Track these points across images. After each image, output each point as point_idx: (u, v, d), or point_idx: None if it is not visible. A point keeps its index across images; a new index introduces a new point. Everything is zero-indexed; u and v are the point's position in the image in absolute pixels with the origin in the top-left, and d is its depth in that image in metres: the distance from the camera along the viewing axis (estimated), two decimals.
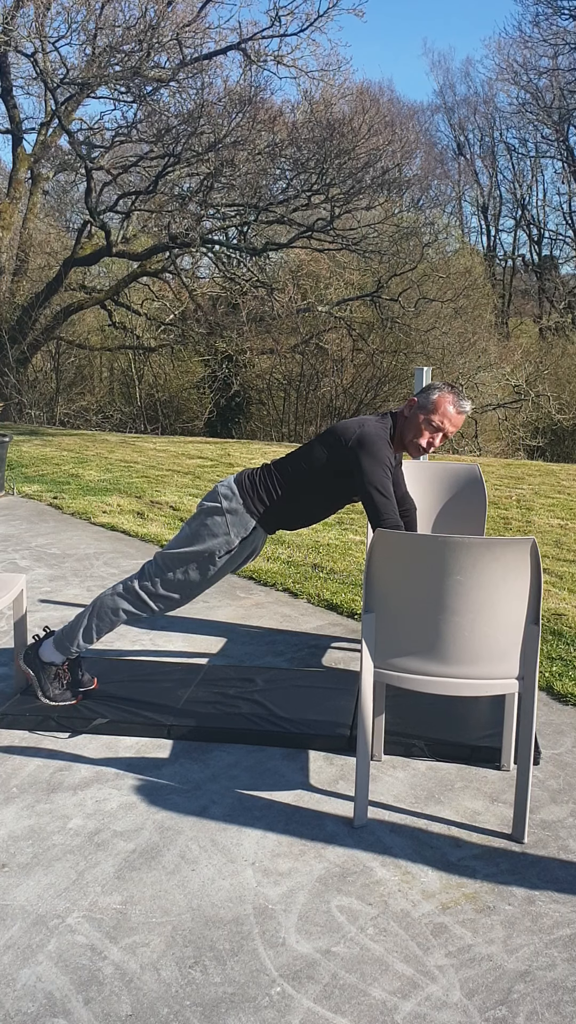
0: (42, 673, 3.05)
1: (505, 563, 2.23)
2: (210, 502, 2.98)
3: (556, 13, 21.55)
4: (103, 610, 3.01)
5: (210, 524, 2.94)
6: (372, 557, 2.34)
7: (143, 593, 2.98)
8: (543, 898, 2.14)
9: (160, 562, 2.99)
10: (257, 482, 2.98)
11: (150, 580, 2.98)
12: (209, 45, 14.56)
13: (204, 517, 2.96)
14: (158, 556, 3.01)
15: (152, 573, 2.99)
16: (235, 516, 2.94)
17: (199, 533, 2.95)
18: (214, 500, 2.97)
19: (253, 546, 3.04)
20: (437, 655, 2.31)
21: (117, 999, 1.79)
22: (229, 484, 2.99)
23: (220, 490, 2.99)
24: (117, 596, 3.00)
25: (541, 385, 20.11)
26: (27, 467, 8.98)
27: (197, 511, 3.01)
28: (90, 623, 3.02)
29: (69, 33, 13.87)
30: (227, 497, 2.95)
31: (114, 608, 3.00)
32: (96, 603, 3.03)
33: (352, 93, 17.29)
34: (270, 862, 2.25)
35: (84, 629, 3.02)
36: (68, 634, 3.04)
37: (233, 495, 2.95)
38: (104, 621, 3.01)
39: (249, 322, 16.43)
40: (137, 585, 2.99)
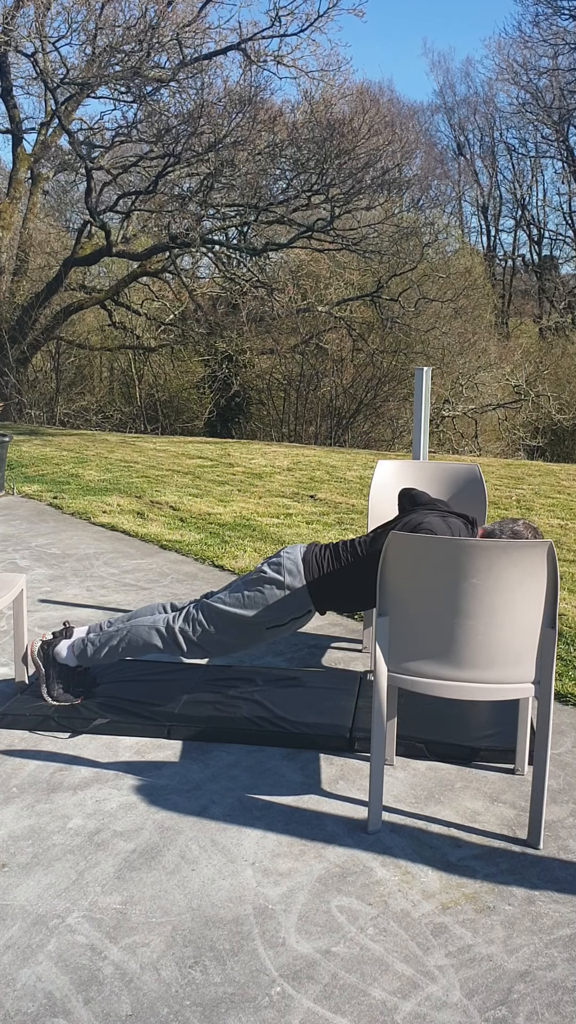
0: (52, 671, 3.04)
1: (522, 566, 2.22)
2: (273, 572, 2.90)
3: (556, 13, 21.57)
4: (135, 639, 2.97)
5: (267, 595, 2.87)
6: (386, 560, 2.33)
7: (181, 638, 2.93)
8: (543, 898, 2.14)
9: (206, 613, 2.93)
10: (325, 566, 2.89)
11: (191, 626, 2.93)
12: (209, 45, 14.58)
13: (262, 584, 2.89)
14: (205, 606, 2.95)
15: (194, 620, 2.94)
16: (294, 595, 2.87)
17: (253, 600, 2.88)
18: (277, 572, 2.89)
19: (301, 623, 2.98)
20: (452, 659, 2.30)
21: (117, 999, 1.79)
22: (296, 560, 2.91)
23: (285, 564, 2.90)
24: (154, 631, 2.96)
25: (541, 385, 20.12)
26: (27, 467, 8.98)
27: (257, 573, 2.94)
28: (118, 646, 2.99)
29: (69, 33, 13.89)
30: (291, 574, 2.88)
31: (146, 642, 2.96)
32: (130, 630, 2.99)
33: (352, 93, 17.29)
34: (270, 862, 2.25)
35: (110, 650, 2.99)
36: (94, 651, 3.01)
37: (298, 573, 2.88)
38: (131, 649, 2.99)
39: (249, 322, 16.43)
40: (177, 629, 2.94)
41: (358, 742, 2.86)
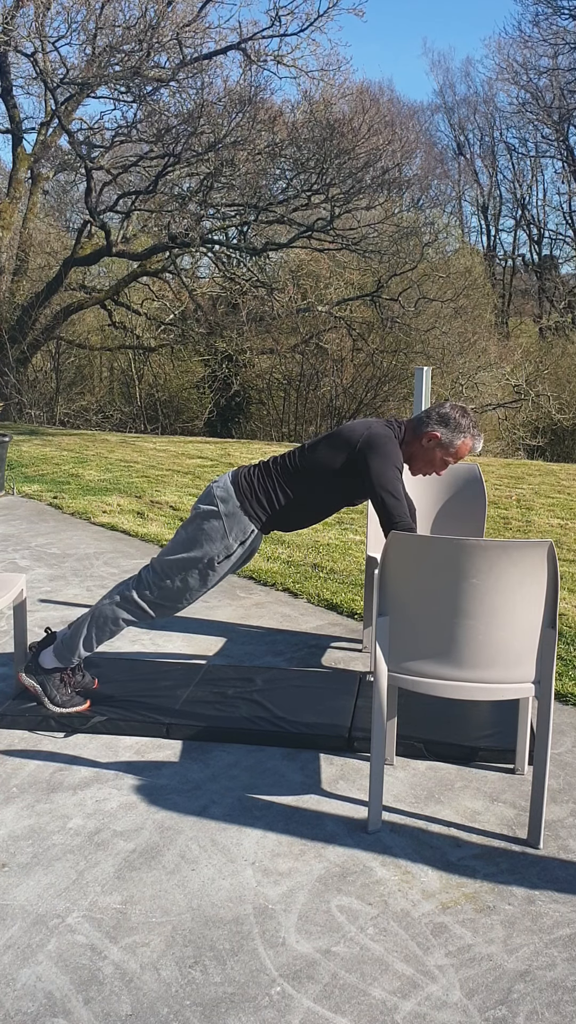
0: (47, 681, 3.01)
1: (522, 566, 2.22)
2: (206, 505, 2.89)
3: (556, 13, 21.56)
4: (102, 619, 2.96)
5: (207, 529, 2.87)
6: (386, 560, 2.32)
7: (142, 601, 2.93)
8: (543, 898, 2.14)
9: (157, 569, 2.93)
10: (255, 483, 2.89)
11: (148, 588, 2.93)
12: (209, 45, 14.57)
13: (200, 521, 2.88)
14: (155, 563, 2.95)
15: (150, 581, 2.93)
16: (232, 519, 2.86)
17: (196, 538, 2.88)
18: (210, 503, 2.88)
19: (251, 548, 2.99)
20: (452, 659, 2.30)
21: (117, 999, 1.79)
22: (225, 485, 2.89)
23: (216, 492, 2.89)
24: (115, 606, 2.95)
25: (541, 385, 20.11)
26: (27, 467, 8.98)
27: (192, 514, 2.93)
28: (89, 632, 2.98)
29: (69, 33, 13.88)
30: (223, 500, 2.87)
31: (113, 618, 2.95)
32: (94, 612, 2.98)
33: (352, 93, 17.28)
34: (270, 862, 2.25)
35: (84, 638, 2.98)
36: (68, 643, 3.00)
37: (229, 497, 2.87)
38: (103, 630, 2.97)
39: (249, 322, 16.43)
40: (135, 594, 2.93)
41: (357, 742, 2.86)
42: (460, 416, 2.89)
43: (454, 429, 2.88)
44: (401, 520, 2.73)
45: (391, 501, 2.74)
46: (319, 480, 2.85)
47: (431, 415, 2.90)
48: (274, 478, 2.90)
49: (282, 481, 2.89)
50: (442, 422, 2.89)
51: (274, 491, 2.89)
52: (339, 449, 2.83)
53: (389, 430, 2.86)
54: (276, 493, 2.89)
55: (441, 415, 2.89)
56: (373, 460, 2.76)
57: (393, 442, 2.82)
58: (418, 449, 2.91)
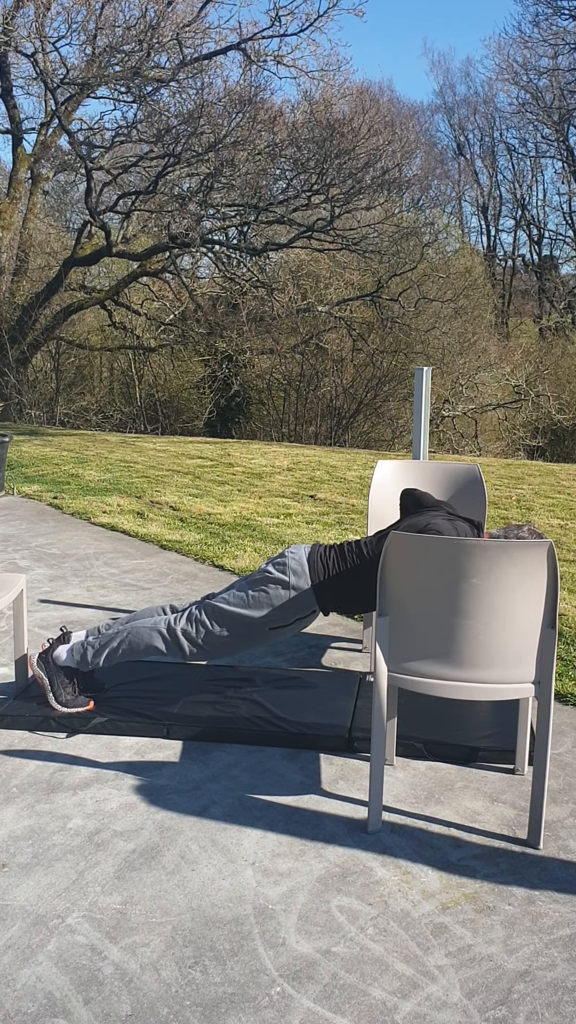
0: (55, 677, 3.01)
1: (522, 566, 2.22)
2: (277, 572, 2.88)
3: (556, 13, 21.55)
4: (136, 641, 2.95)
5: (271, 595, 2.86)
6: (386, 560, 2.33)
7: (183, 639, 2.91)
8: (543, 898, 2.14)
9: (208, 612, 2.91)
10: (330, 566, 2.88)
11: (193, 627, 2.91)
12: (209, 45, 14.57)
13: (266, 584, 2.88)
14: (208, 606, 2.93)
15: (197, 620, 2.91)
16: (299, 595, 2.86)
17: (257, 600, 2.87)
18: (282, 572, 2.88)
19: (305, 623, 2.97)
20: (452, 659, 2.30)
21: (117, 999, 1.79)
22: (300, 560, 2.89)
23: (290, 564, 2.89)
24: (156, 633, 2.93)
25: (541, 385, 20.12)
26: (27, 467, 8.98)
27: (261, 573, 2.92)
28: (119, 648, 2.96)
29: (69, 33, 13.88)
30: (296, 573, 2.86)
31: (147, 644, 2.94)
32: (131, 631, 2.97)
33: (352, 93, 17.28)
34: (270, 862, 2.25)
35: (110, 652, 2.97)
36: (95, 651, 2.99)
37: (303, 574, 2.86)
38: (132, 651, 2.96)
39: (249, 322, 16.42)
40: (179, 630, 2.91)
41: (357, 742, 2.86)
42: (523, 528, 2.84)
43: None
44: None
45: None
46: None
47: (509, 536, 2.84)
48: (348, 563, 2.89)
49: (355, 568, 2.88)
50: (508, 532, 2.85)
51: (346, 576, 2.88)
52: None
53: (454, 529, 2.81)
54: (346, 578, 2.88)
55: (519, 537, 2.82)
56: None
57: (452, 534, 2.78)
58: None
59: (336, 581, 2.87)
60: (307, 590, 2.86)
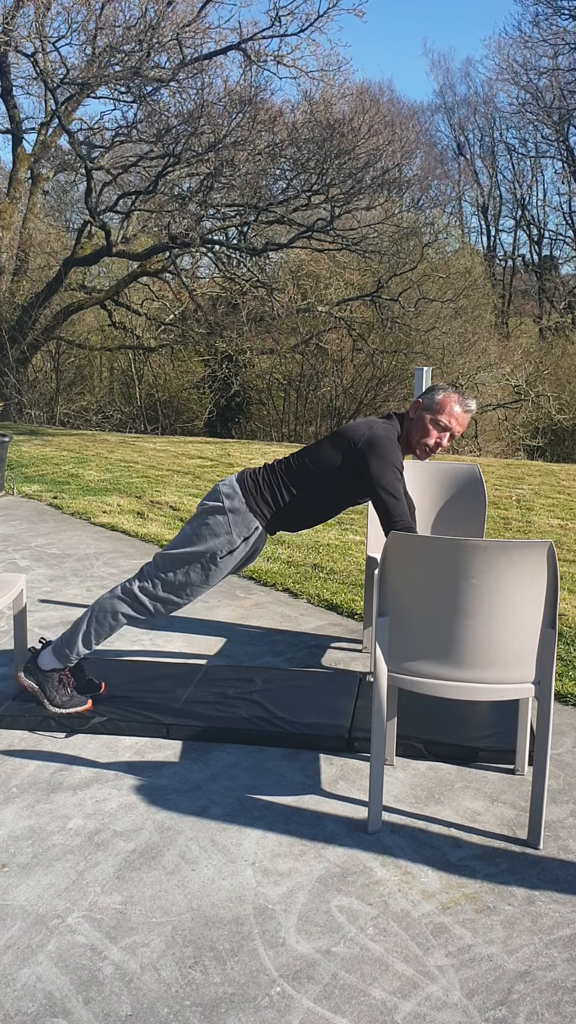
0: (45, 682, 3.00)
1: (522, 566, 2.22)
2: (211, 501, 2.94)
3: (556, 13, 21.53)
4: (102, 614, 2.96)
5: (211, 524, 2.91)
6: (386, 560, 2.33)
7: (142, 595, 2.94)
8: (543, 898, 2.14)
9: (159, 563, 2.95)
10: (260, 482, 2.94)
11: (149, 582, 2.94)
12: (209, 45, 14.57)
13: (205, 517, 2.92)
14: (157, 557, 2.97)
15: (151, 575, 2.95)
16: (237, 515, 2.90)
17: (200, 533, 2.91)
18: (215, 499, 2.93)
19: (255, 547, 3.00)
20: (452, 659, 2.30)
21: (117, 999, 1.79)
22: (231, 483, 2.95)
23: (222, 489, 2.95)
24: (116, 599, 2.96)
25: (541, 385, 20.11)
26: (27, 467, 8.98)
27: (198, 511, 2.97)
28: (89, 628, 2.97)
29: (69, 33, 13.87)
30: (229, 496, 2.92)
31: (113, 612, 2.95)
32: (94, 607, 2.99)
33: (352, 93, 17.29)
34: (270, 862, 2.25)
35: (83, 634, 2.97)
36: (67, 641, 2.99)
37: (235, 494, 2.92)
38: (103, 625, 2.97)
39: (249, 322, 16.42)
40: (136, 587, 2.94)
41: (357, 742, 2.86)
42: (438, 383, 2.99)
43: (432, 391, 2.96)
44: (401, 520, 2.75)
45: (391, 501, 2.77)
46: (322, 480, 2.89)
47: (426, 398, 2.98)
48: (279, 477, 2.95)
49: (287, 480, 2.94)
50: (424, 394, 2.98)
51: (279, 490, 2.94)
52: (340, 449, 2.87)
53: (390, 430, 2.90)
54: (281, 492, 2.94)
55: (424, 391, 2.99)
56: (373, 461, 2.80)
57: (393, 443, 2.85)
58: (409, 426, 2.97)
59: (271, 494, 2.93)
60: (243, 509, 2.90)
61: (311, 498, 2.93)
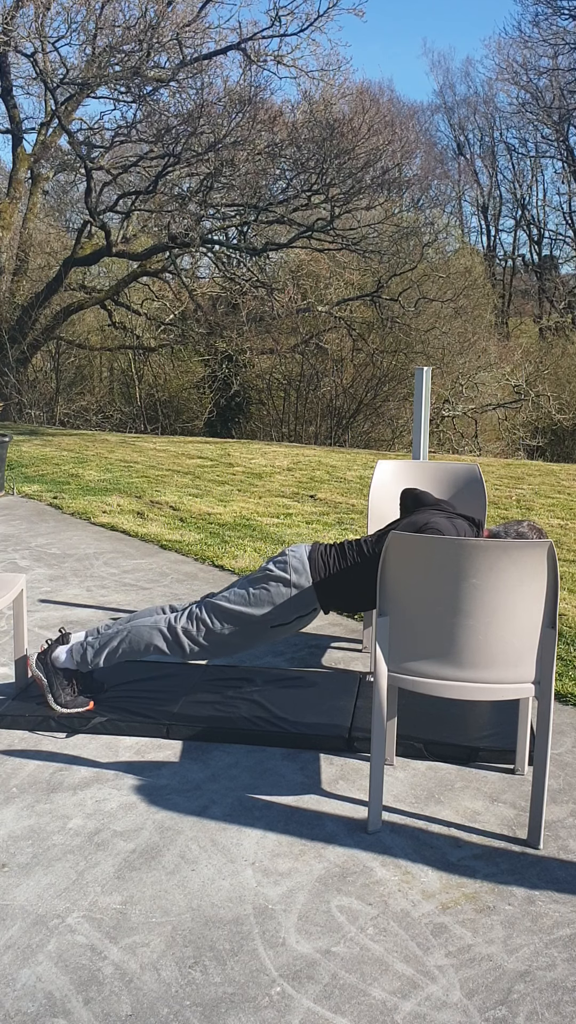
0: (54, 678, 3.00)
1: (522, 566, 2.22)
2: (278, 569, 2.89)
3: (556, 13, 21.51)
4: (136, 640, 2.94)
5: (272, 592, 2.87)
6: (386, 560, 2.33)
7: (184, 637, 2.90)
8: (543, 898, 2.14)
9: (210, 612, 2.91)
10: (331, 564, 2.90)
11: (195, 625, 2.90)
12: (209, 45, 14.56)
13: (268, 582, 2.88)
14: (209, 604, 2.93)
15: (198, 619, 2.91)
16: (300, 592, 2.87)
17: (259, 598, 2.87)
18: (283, 571, 2.89)
19: (306, 622, 2.97)
20: (452, 659, 2.30)
21: (117, 999, 1.79)
22: (302, 558, 2.91)
23: (291, 562, 2.90)
24: (155, 632, 2.92)
25: (541, 385, 20.12)
26: (27, 467, 8.98)
27: (262, 572, 2.93)
28: (119, 647, 2.95)
29: (69, 33, 13.87)
30: (297, 571, 2.87)
31: (148, 643, 2.93)
32: (131, 631, 2.96)
33: (352, 93, 17.28)
34: (270, 862, 2.25)
35: (110, 651, 2.96)
36: (94, 650, 2.98)
37: (304, 571, 2.87)
38: (133, 651, 2.95)
39: (249, 322, 16.42)
40: (180, 628, 2.91)
41: (357, 742, 2.86)
42: (537, 538, 2.84)
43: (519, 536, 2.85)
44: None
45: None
46: None
47: (509, 532, 2.86)
48: (349, 561, 2.91)
49: (356, 566, 2.90)
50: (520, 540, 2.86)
51: (346, 574, 2.89)
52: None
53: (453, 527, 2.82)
54: (348, 577, 2.89)
55: (519, 534, 2.85)
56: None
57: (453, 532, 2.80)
58: None
59: (337, 579, 2.88)
60: (308, 588, 2.87)
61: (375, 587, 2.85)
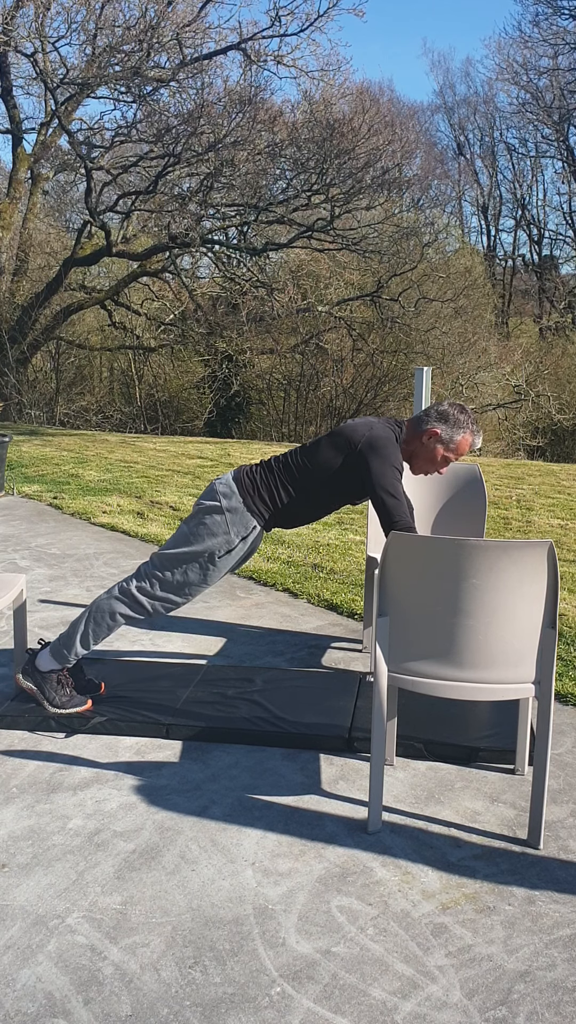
0: (44, 683, 3.00)
1: (522, 566, 2.22)
2: (208, 500, 2.93)
3: (556, 13, 21.53)
4: (99, 614, 2.96)
5: (208, 523, 2.90)
6: (386, 560, 2.33)
7: (140, 595, 2.93)
8: (543, 898, 2.14)
9: (157, 563, 2.94)
10: (258, 480, 2.93)
11: (147, 581, 2.93)
12: (209, 45, 14.56)
13: (202, 516, 2.92)
14: (155, 557, 2.96)
15: (148, 574, 2.94)
16: (235, 515, 2.89)
17: (197, 532, 2.91)
18: (212, 499, 2.92)
19: (252, 545, 3.00)
20: (452, 659, 2.30)
21: (117, 999, 1.79)
22: (228, 482, 2.94)
23: (218, 488, 2.93)
24: (113, 599, 2.95)
25: (541, 385, 20.11)
26: (27, 467, 8.98)
27: (194, 510, 2.96)
28: (87, 628, 2.96)
29: (69, 33, 13.87)
30: (226, 495, 2.90)
31: (111, 612, 2.95)
32: (92, 608, 2.98)
33: (352, 93, 17.25)
34: (270, 862, 2.25)
35: (81, 635, 2.97)
36: (65, 641, 2.99)
37: (232, 493, 2.91)
38: (101, 626, 2.96)
39: (249, 322, 16.42)
40: (134, 587, 2.93)
41: (357, 742, 2.86)
42: (459, 413, 2.93)
43: (453, 425, 2.92)
44: (401, 520, 2.75)
45: (391, 501, 2.77)
46: (320, 478, 2.89)
47: (430, 413, 2.95)
48: (276, 475, 2.94)
49: (284, 478, 2.93)
50: (441, 419, 2.92)
51: (276, 488, 2.93)
52: (340, 449, 2.86)
53: (390, 431, 2.89)
54: (278, 490, 2.93)
55: (440, 412, 2.93)
56: (373, 461, 2.79)
57: (393, 443, 2.85)
58: (419, 447, 2.94)
59: (267, 492, 2.92)
60: (241, 508, 2.90)
61: (309, 497, 2.92)
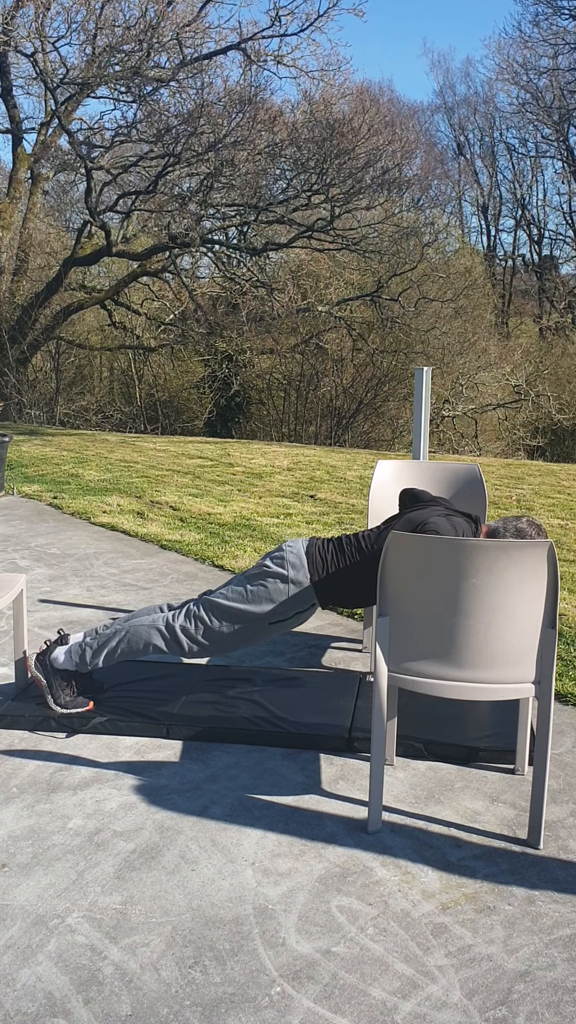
0: (54, 679, 2.99)
1: (522, 566, 2.22)
2: (275, 565, 2.89)
3: (556, 13, 21.55)
4: (136, 640, 2.93)
5: (270, 587, 2.86)
6: (386, 560, 2.33)
7: (182, 635, 2.90)
8: (543, 898, 2.14)
9: (207, 609, 2.90)
10: (328, 560, 2.88)
11: (193, 624, 2.90)
12: (209, 45, 14.56)
13: (265, 578, 2.88)
14: (206, 602, 2.92)
15: (197, 617, 2.90)
16: (298, 588, 2.86)
17: (256, 594, 2.87)
18: (280, 566, 2.88)
19: (304, 617, 2.97)
20: (452, 659, 2.30)
21: (117, 999, 1.79)
22: (299, 554, 2.90)
23: (288, 557, 2.89)
24: (153, 631, 2.92)
25: (541, 385, 20.12)
26: (27, 467, 8.98)
27: (259, 568, 2.92)
28: (117, 647, 2.95)
29: (69, 33, 13.87)
30: (295, 567, 2.87)
31: (147, 642, 2.92)
32: (129, 630, 2.95)
33: (352, 93, 17.26)
34: (270, 862, 2.25)
35: (109, 651, 2.95)
36: (92, 650, 2.97)
37: (302, 566, 2.87)
38: (131, 650, 2.94)
39: (249, 322, 16.42)
40: (178, 626, 2.90)
41: (357, 742, 2.86)
42: (536, 533, 2.83)
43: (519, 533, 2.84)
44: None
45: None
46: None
47: (508, 527, 2.84)
48: (347, 557, 2.90)
49: (354, 562, 2.88)
50: (518, 536, 2.83)
51: (344, 570, 2.88)
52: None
53: (451, 525, 2.81)
54: (345, 572, 2.88)
55: (518, 529, 2.83)
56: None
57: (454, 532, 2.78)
58: None
59: (335, 575, 2.88)
60: (306, 584, 2.86)
61: (373, 582, 2.85)
